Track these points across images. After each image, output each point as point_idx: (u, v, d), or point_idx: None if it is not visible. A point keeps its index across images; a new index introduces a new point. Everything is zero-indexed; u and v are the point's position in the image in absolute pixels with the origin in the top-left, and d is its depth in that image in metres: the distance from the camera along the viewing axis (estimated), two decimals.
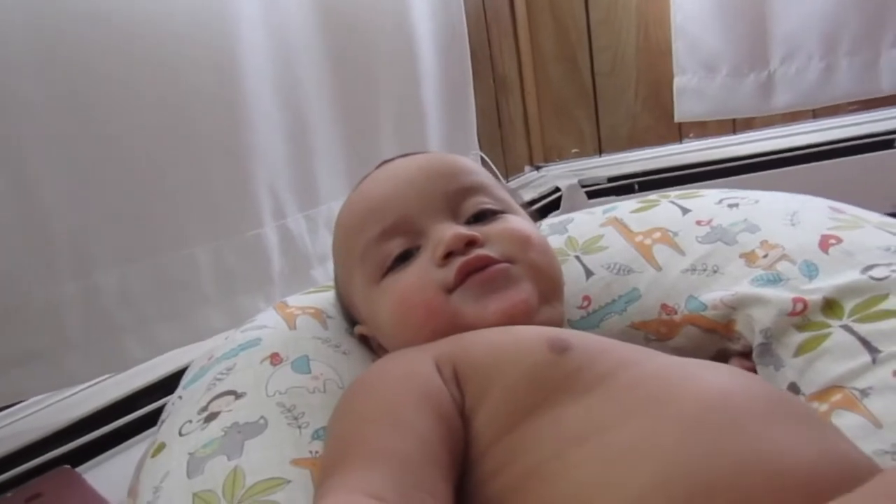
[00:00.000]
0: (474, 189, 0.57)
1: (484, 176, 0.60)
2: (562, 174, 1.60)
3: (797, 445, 0.35)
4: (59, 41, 0.70)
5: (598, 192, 1.54)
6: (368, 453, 0.39)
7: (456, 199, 0.56)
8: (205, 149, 0.82)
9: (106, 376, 0.82)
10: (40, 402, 0.80)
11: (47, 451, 0.74)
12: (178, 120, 0.80)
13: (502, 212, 0.57)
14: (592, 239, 0.70)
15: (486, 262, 0.51)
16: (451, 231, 0.52)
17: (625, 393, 0.40)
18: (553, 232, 0.72)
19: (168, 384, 0.83)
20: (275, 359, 0.55)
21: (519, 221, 0.57)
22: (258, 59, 0.87)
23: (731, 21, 1.52)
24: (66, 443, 0.75)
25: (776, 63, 1.53)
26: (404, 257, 0.54)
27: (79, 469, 0.73)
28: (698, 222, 0.66)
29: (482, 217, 0.56)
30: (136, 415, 0.80)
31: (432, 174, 0.57)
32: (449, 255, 0.52)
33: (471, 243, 0.52)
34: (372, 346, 0.60)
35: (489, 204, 0.57)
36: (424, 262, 0.53)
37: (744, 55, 1.53)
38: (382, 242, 0.54)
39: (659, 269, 0.64)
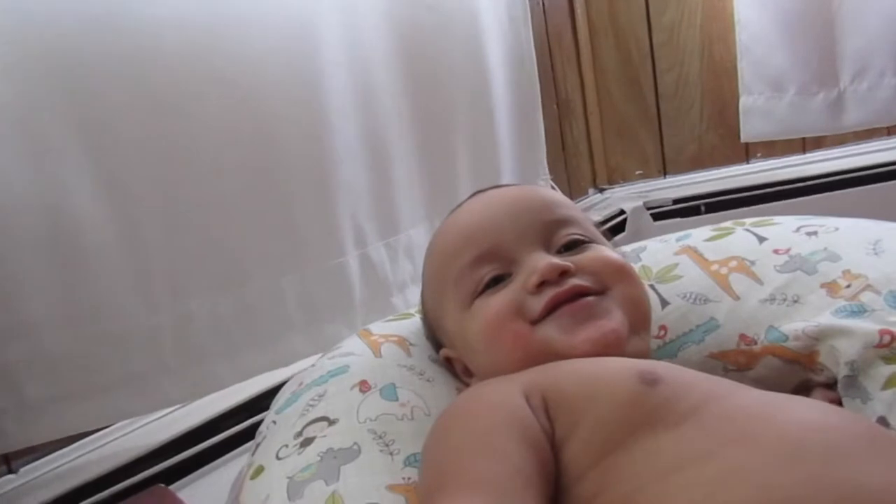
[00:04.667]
0: (566, 221, 0.59)
1: (574, 209, 0.62)
2: (626, 196, 1.59)
3: None
4: (158, 84, 0.75)
5: (663, 214, 1.53)
6: (466, 482, 0.41)
7: (549, 229, 0.58)
8: (291, 182, 0.86)
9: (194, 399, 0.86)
10: (133, 423, 0.84)
11: (142, 471, 0.78)
12: (267, 155, 0.84)
13: (592, 242, 0.58)
14: (667, 268, 0.70)
15: (578, 292, 0.53)
16: (545, 261, 0.54)
17: (717, 424, 0.40)
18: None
19: (252, 406, 0.87)
20: (364, 386, 0.58)
21: (609, 251, 0.58)
22: (341, 94, 0.91)
23: (798, 39, 1.49)
24: (159, 462, 0.79)
25: (846, 81, 1.49)
26: (496, 281, 0.56)
27: (172, 487, 0.77)
28: (776, 251, 0.66)
29: (572, 246, 0.57)
30: (223, 435, 0.83)
31: (527, 205, 0.59)
32: (542, 285, 0.53)
33: (564, 273, 0.53)
34: (456, 370, 0.62)
35: (580, 235, 0.58)
36: (516, 288, 0.54)
37: (812, 73, 1.51)
38: (476, 268, 0.56)
39: (737, 298, 0.63)
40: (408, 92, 1.02)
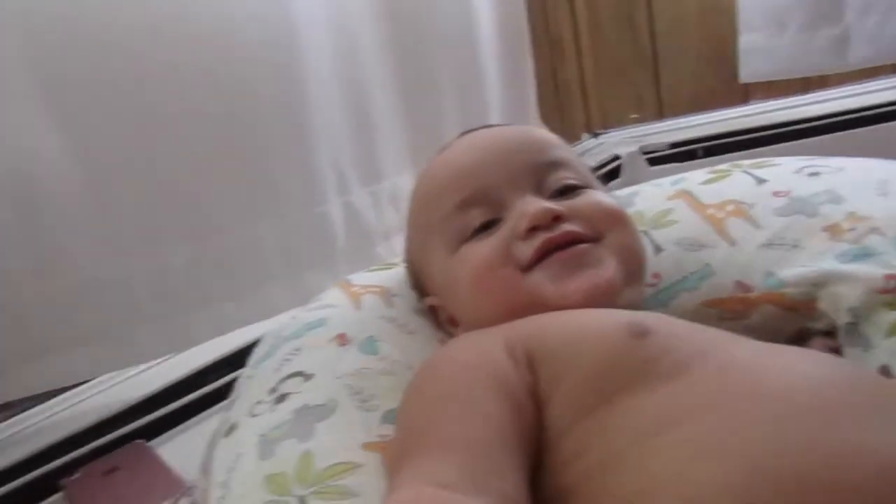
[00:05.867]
0: (559, 163, 0.55)
1: (568, 151, 0.59)
2: (621, 141, 1.54)
3: None
4: (125, 30, 0.72)
5: (659, 158, 1.48)
6: (439, 441, 0.38)
7: (540, 172, 0.54)
8: (267, 128, 0.83)
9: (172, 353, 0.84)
10: (111, 380, 0.83)
11: (120, 427, 0.76)
12: (241, 99, 0.80)
13: (586, 187, 0.55)
14: (661, 213, 0.67)
15: (571, 239, 0.50)
16: (536, 205, 0.51)
17: (708, 382, 0.38)
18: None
19: (233, 361, 0.84)
20: (342, 339, 0.55)
21: (604, 196, 0.55)
22: (317, 35, 0.87)
23: None
24: (137, 418, 0.77)
25: (852, 16, 1.43)
26: (485, 227, 0.53)
27: (151, 443, 0.75)
28: (775, 193, 0.63)
29: (566, 191, 0.54)
30: (203, 391, 0.81)
31: (517, 146, 0.56)
32: (533, 230, 0.50)
33: (557, 218, 0.50)
34: (440, 320, 0.59)
35: (573, 179, 0.55)
36: (505, 234, 0.52)
37: (816, 8, 1.45)
38: (463, 211, 0.53)
39: (733, 243, 0.61)
40: (388, 31, 0.97)
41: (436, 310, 0.59)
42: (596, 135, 1.63)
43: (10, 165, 0.67)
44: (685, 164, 1.46)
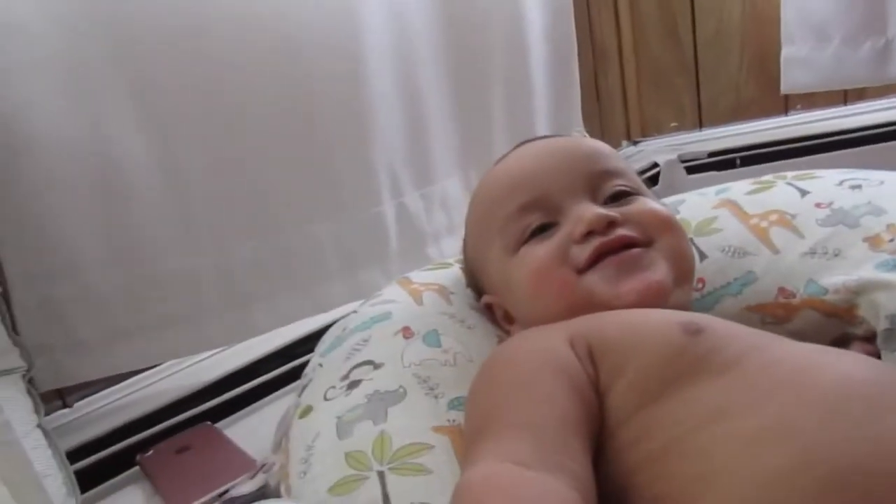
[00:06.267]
0: (613, 172, 0.59)
1: (621, 160, 0.62)
2: (660, 149, 1.56)
3: None
4: (203, 34, 0.76)
5: (698, 167, 1.51)
6: (511, 423, 0.42)
7: (596, 180, 0.58)
8: (330, 131, 0.87)
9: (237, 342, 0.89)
10: (181, 364, 0.88)
11: (189, 409, 0.81)
12: (308, 104, 0.85)
13: (638, 194, 0.59)
14: (706, 221, 0.70)
15: (625, 243, 0.53)
16: (592, 210, 0.54)
17: (759, 375, 0.41)
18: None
19: (290, 351, 0.90)
20: (406, 332, 0.60)
21: (655, 203, 0.58)
22: (379, 44, 0.91)
23: None
24: (206, 401, 0.82)
25: (895, 29, 1.44)
26: (542, 229, 0.56)
27: (218, 425, 0.80)
28: (818, 205, 0.66)
29: (619, 197, 0.58)
30: (265, 377, 0.86)
31: (574, 155, 0.59)
32: (588, 234, 0.54)
33: (611, 224, 0.54)
34: (497, 317, 0.63)
35: (626, 186, 0.58)
36: (562, 237, 0.55)
37: (859, 20, 1.45)
38: (523, 215, 0.57)
39: (776, 251, 0.64)
40: (444, 41, 1.01)
41: (492, 307, 0.63)
42: (635, 142, 1.65)
43: (98, 161, 0.71)
44: (723, 172, 1.48)
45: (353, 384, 0.55)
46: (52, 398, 0.79)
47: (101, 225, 0.73)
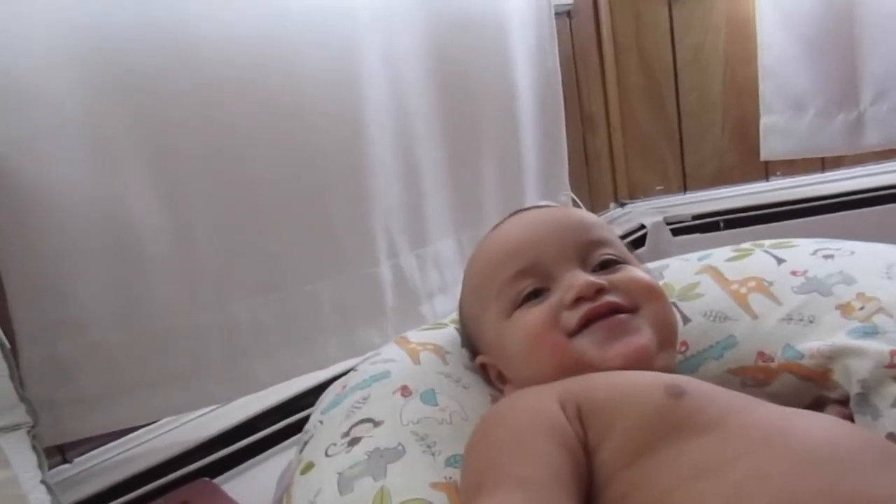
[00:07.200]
0: (602, 242, 0.63)
1: (609, 231, 0.66)
2: (647, 211, 1.62)
3: None
4: (212, 101, 0.80)
5: (682, 229, 1.56)
6: (506, 479, 0.45)
7: (585, 249, 0.62)
8: (330, 193, 0.91)
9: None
10: (179, 419, 0.89)
11: (188, 464, 0.82)
12: (307, 168, 0.89)
13: (625, 262, 0.62)
14: (689, 286, 0.73)
15: (612, 309, 0.57)
16: (582, 278, 0.58)
17: (739, 435, 0.44)
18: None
19: (288, 407, 0.91)
20: (405, 391, 0.62)
21: (641, 272, 0.62)
22: (377, 111, 0.96)
23: (819, 61, 1.52)
24: (203, 456, 0.83)
25: (867, 102, 1.52)
26: (535, 295, 0.60)
27: (216, 480, 0.82)
28: (793, 273, 0.69)
29: (607, 265, 0.61)
30: (263, 433, 0.88)
31: (567, 225, 0.63)
32: (578, 300, 0.57)
33: (599, 291, 0.58)
34: (490, 376, 0.66)
35: (614, 255, 0.62)
36: (554, 303, 0.58)
37: (833, 95, 1.53)
38: (517, 281, 0.61)
39: (755, 317, 0.67)
40: (439, 109, 1.06)
41: (486, 367, 0.66)
42: (622, 204, 1.71)
43: (112, 224, 0.74)
44: (707, 235, 1.53)
45: (354, 441, 0.57)
46: (53, 453, 0.79)
47: (110, 284, 0.75)
